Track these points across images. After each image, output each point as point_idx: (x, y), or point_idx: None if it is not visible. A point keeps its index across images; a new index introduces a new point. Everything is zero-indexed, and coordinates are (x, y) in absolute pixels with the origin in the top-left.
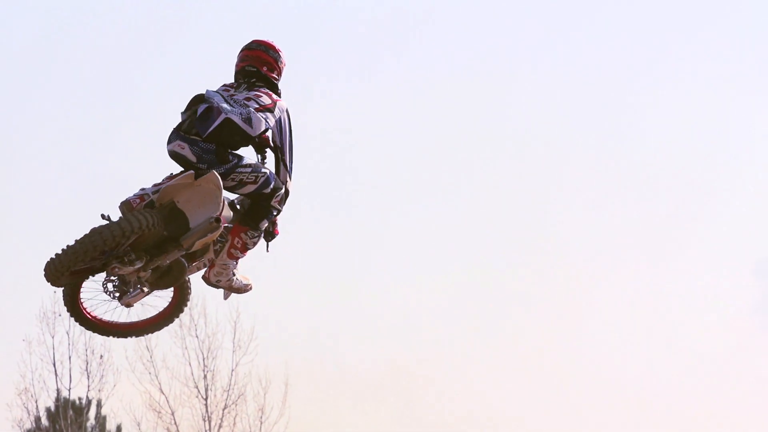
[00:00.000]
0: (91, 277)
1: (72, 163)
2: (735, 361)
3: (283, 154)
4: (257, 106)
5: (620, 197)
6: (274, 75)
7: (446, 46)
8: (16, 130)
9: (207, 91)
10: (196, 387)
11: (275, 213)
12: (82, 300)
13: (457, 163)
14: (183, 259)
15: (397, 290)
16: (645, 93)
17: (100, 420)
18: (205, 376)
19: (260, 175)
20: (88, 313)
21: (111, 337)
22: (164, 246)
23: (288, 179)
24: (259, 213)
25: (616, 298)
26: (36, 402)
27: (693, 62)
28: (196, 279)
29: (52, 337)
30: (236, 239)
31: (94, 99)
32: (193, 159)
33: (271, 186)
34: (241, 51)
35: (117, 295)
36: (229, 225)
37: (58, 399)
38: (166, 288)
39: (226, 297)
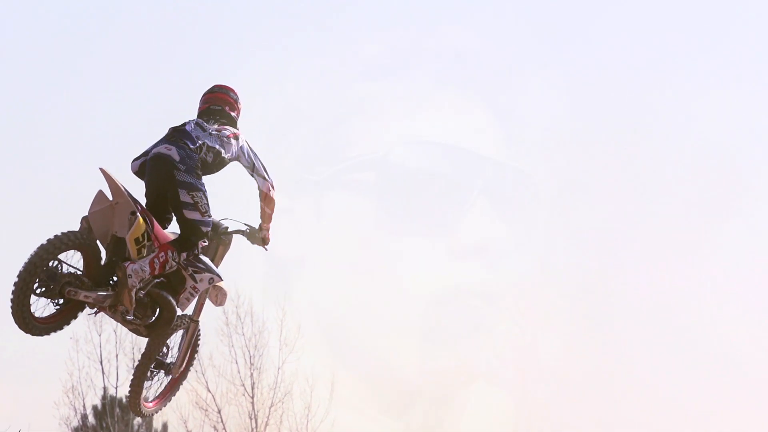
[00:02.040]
0: (65, 326)
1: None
2: None
3: (256, 169)
4: (227, 135)
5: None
6: (234, 114)
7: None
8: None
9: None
10: (243, 385)
11: (195, 251)
12: (144, 399)
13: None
14: (166, 295)
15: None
16: (684, 89)
17: (147, 418)
18: (251, 374)
19: (209, 213)
20: (148, 405)
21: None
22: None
23: (272, 188)
24: (185, 244)
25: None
26: (83, 400)
27: (728, 57)
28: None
29: (99, 336)
30: (161, 253)
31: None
32: (177, 158)
33: (208, 229)
34: (204, 94)
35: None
36: (163, 242)
37: (104, 397)
38: (165, 329)
39: (220, 303)
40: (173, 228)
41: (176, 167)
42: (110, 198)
